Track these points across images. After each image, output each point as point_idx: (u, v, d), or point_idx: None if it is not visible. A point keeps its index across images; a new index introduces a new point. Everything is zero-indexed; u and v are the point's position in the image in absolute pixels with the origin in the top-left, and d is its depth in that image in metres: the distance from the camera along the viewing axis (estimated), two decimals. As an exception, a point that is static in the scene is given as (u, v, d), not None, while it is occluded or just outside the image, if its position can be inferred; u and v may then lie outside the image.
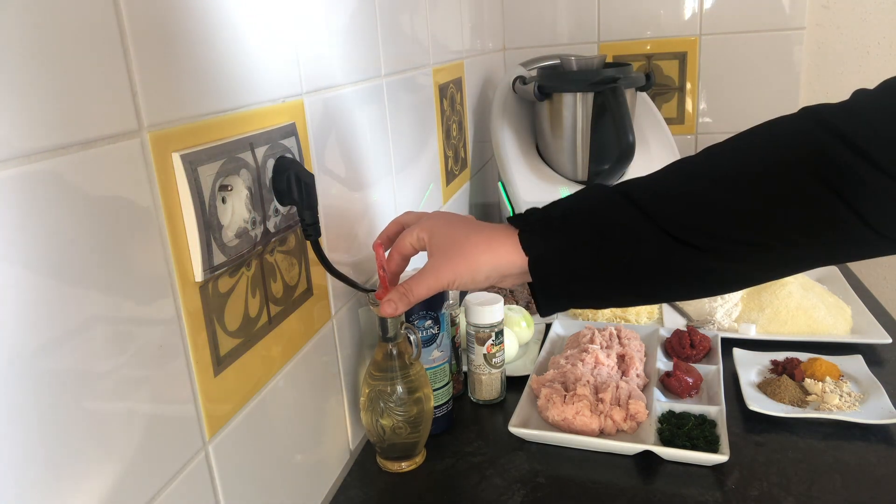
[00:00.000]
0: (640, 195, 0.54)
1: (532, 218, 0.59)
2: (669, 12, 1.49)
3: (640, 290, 0.57)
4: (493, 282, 0.60)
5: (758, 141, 0.53)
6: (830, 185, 0.48)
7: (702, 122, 1.54)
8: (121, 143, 0.40)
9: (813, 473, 0.67)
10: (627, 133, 1.12)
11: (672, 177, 0.55)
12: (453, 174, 1.21)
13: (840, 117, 0.49)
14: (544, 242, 0.57)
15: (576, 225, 0.56)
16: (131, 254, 0.41)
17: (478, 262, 0.58)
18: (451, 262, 0.59)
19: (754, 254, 0.52)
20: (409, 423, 0.69)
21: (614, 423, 0.75)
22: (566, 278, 0.57)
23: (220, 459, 0.50)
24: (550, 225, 0.58)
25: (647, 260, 0.54)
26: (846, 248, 0.51)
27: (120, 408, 0.40)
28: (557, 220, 0.57)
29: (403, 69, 0.92)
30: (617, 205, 0.55)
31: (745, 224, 0.51)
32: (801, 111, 0.52)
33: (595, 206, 0.57)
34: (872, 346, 0.89)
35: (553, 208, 0.59)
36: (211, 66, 0.49)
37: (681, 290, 0.58)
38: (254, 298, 0.55)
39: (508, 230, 0.59)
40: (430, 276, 0.60)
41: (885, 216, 0.48)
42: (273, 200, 0.56)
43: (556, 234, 0.57)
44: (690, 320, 0.99)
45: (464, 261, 0.59)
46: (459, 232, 0.60)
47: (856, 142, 0.47)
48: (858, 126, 0.48)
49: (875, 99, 0.49)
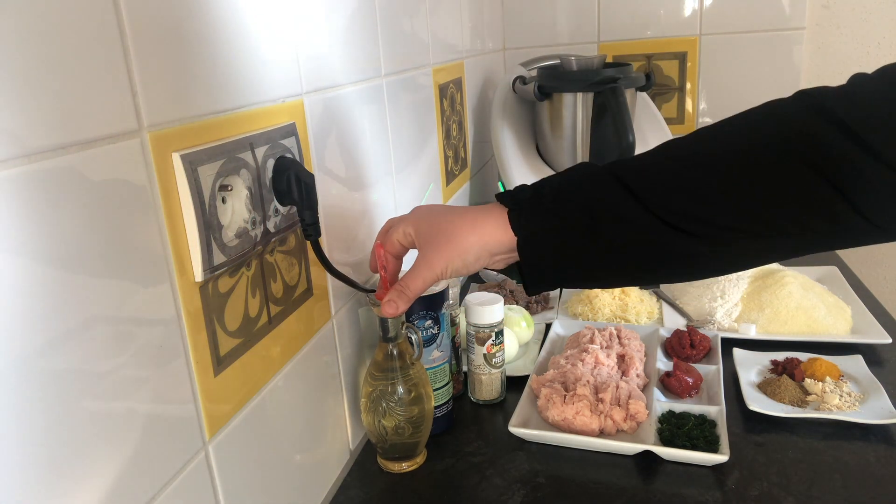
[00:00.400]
0: (631, 177, 0.54)
1: (521, 196, 0.58)
2: (669, 12, 1.49)
3: (629, 272, 0.57)
4: (485, 262, 0.60)
5: (751, 126, 0.52)
6: (824, 174, 0.47)
7: (702, 122, 1.54)
8: (121, 143, 0.40)
9: (813, 473, 0.67)
10: (627, 133, 1.12)
11: (663, 160, 0.55)
12: (453, 174, 1.21)
13: (838, 104, 0.48)
14: (534, 222, 0.57)
15: (566, 205, 0.56)
16: (131, 253, 0.41)
17: (466, 243, 0.58)
18: (439, 250, 0.59)
19: (744, 240, 0.51)
20: (410, 423, 0.69)
21: (614, 423, 0.75)
22: (555, 258, 0.57)
23: (220, 459, 0.50)
24: (540, 204, 0.57)
25: (636, 242, 0.54)
26: (838, 237, 0.50)
27: (120, 408, 0.40)
28: (548, 200, 0.57)
29: (403, 69, 0.92)
30: (608, 186, 0.55)
31: (735, 211, 0.51)
32: (798, 95, 0.51)
33: (586, 186, 0.56)
34: (872, 346, 0.89)
35: (543, 187, 0.58)
36: (211, 66, 0.49)
37: (670, 272, 0.57)
38: (254, 298, 0.55)
39: (496, 208, 0.59)
40: (422, 268, 0.59)
41: (881, 206, 0.47)
42: (273, 200, 0.56)
43: (547, 214, 0.56)
44: (690, 320, 0.99)
45: (451, 246, 0.58)
46: (443, 219, 0.60)
47: (854, 130, 0.46)
48: (857, 113, 0.46)
49: (875, 85, 0.48)
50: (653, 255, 0.54)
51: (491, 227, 0.58)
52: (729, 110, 0.56)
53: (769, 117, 0.52)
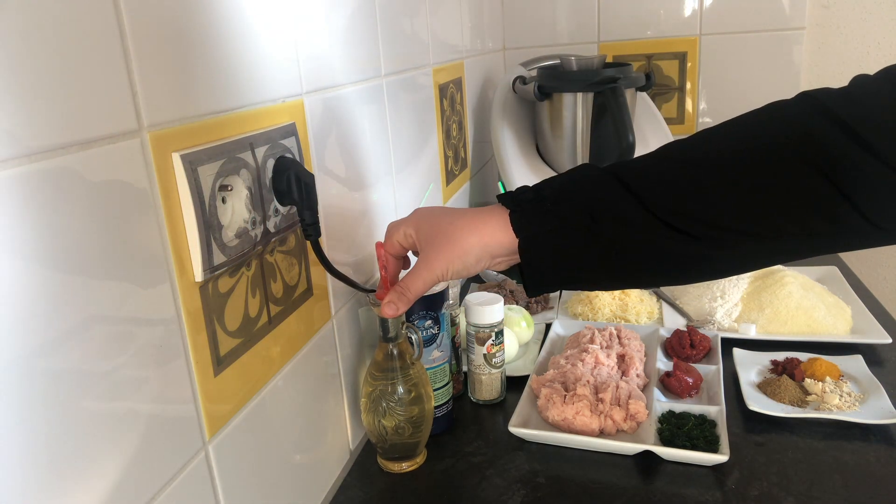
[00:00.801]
0: (633, 179, 0.54)
1: (523, 198, 0.58)
2: (669, 12, 1.49)
3: (630, 274, 0.57)
4: (486, 264, 0.59)
5: (753, 127, 0.52)
6: (826, 174, 0.47)
7: (702, 122, 1.54)
8: (121, 143, 0.40)
9: (813, 473, 0.67)
10: (627, 133, 1.12)
11: (665, 161, 0.55)
12: (453, 174, 1.21)
13: (840, 105, 0.48)
14: (535, 224, 0.57)
15: (568, 207, 0.56)
16: (131, 253, 0.41)
17: (466, 244, 0.58)
18: (440, 251, 0.58)
19: (747, 242, 0.51)
20: (410, 423, 0.69)
21: (614, 423, 0.75)
22: (556, 261, 0.56)
23: (220, 459, 0.50)
24: (541, 206, 0.57)
25: (638, 245, 0.54)
26: (840, 239, 0.50)
27: (120, 408, 0.40)
28: (549, 201, 0.57)
29: (403, 69, 0.92)
30: (610, 188, 0.54)
31: (737, 213, 0.50)
32: (800, 96, 0.51)
33: (588, 188, 0.56)
34: (872, 346, 0.89)
35: (544, 188, 0.58)
36: (211, 66, 0.49)
37: (672, 275, 0.57)
38: (254, 298, 0.55)
39: (497, 209, 0.59)
40: (422, 269, 0.59)
41: (882, 207, 0.47)
42: (273, 200, 0.56)
43: (548, 216, 0.56)
44: (690, 320, 0.99)
45: (452, 247, 0.58)
46: (444, 220, 0.60)
47: (856, 131, 0.46)
48: (859, 114, 0.46)
49: (877, 86, 0.48)
50: (653, 257, 0.54)
51: (492, 229, 0.58)
52: (729, 110, 0.56)
53: (771, 119, 0.52)
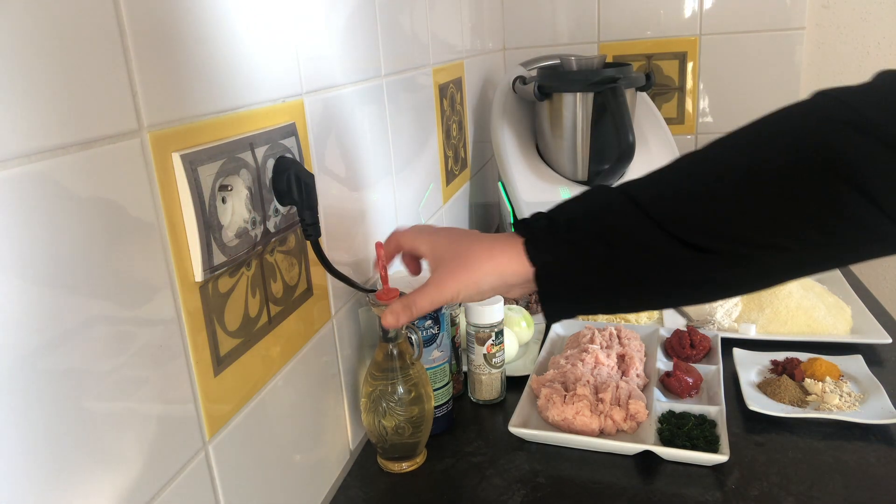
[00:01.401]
0: (645, 198, 0.52)
1: (536, 226, 0.57)
2: (669, 12, 1.49)
3: (650, 298, 0.56)
4: (499, 292, 0.58)
5: (768, 132, 0.50)
6: (850, 180, 0.44)
7: (702, 122, 1.54)
8: (121, 143, 0.40)
9: (813, 473, 0.67)
10: (627, 133, 1.12)
11: (678, 176, 0.53)
12: (453, 174, 1.21)
13: (863, 104, 0.45)
14: (549, 252, 0.56)
15: (581, 233, 0.54)
16: (131, 254, 0.41)
17: (481, 272, 0.57)
18: (453, 275, 0.58)
19: (769, 256, 0.49)
20: (410, 423, 0.69)
21: (614, 423, 0.75)
22: (573, 288, 0.55)
23: (220, 459, 0.50)
24: (555, 233, 0.56)
25: (655, 267, 0.52)
26: (868, 246, 0.48)
27: (120, 408, 0.40)
28: (562, 229, 0.55)
29: (403, 69, 0.92)
30: (622, 209, 0.53)
31: (758, 226, 0.48)
32: (817, 96, 0.49)
33: (599, 211, 0.54)
34: (872, 346, 0.89)
35: (558, 213, 0.57)
36: (211, 66, 0.49)
37: (691, 295, 0.55)
38: (254, 298, 0.55)
39: (512, 238, 0.58)
40: (433, 289, 0.58)
41: None
42: (273, 200, 0.56)
43: (561, 244, 0.55)
44: (690, 320, 0.99)
45: (467, 272, 0.57)
46: (462, 244, 0.59)
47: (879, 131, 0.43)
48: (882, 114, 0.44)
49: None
50: (672, 279, 0.52)
51: (507, 257, 0.57)
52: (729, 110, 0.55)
53: (786, 122, 0.49)
